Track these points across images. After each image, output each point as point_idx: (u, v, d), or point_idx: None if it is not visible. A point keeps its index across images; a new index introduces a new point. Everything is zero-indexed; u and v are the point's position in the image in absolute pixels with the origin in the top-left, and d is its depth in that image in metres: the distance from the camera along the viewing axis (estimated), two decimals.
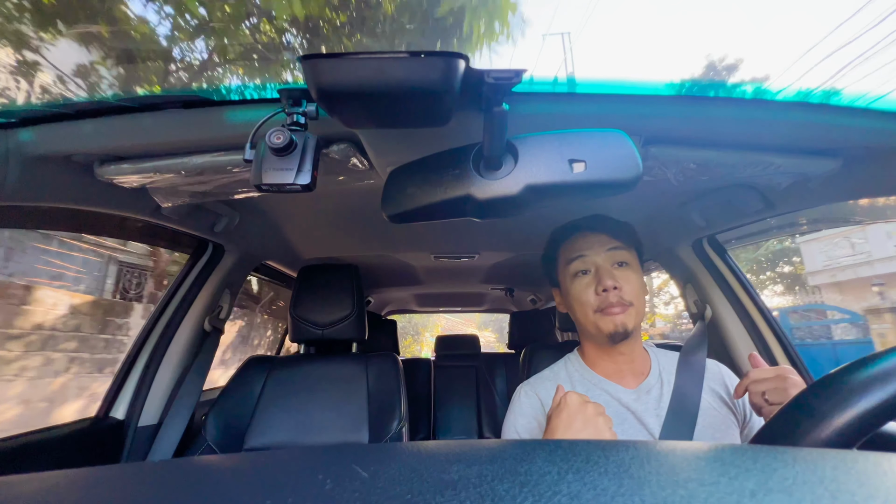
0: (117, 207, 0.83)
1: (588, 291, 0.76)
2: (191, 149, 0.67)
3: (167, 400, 1.17)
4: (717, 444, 0.26)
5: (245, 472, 0.25)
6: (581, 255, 0.79)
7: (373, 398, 1.16)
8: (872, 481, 0.20)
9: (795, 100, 0.61)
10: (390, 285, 2.41)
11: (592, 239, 0.80)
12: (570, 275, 0.80)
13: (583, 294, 0.77)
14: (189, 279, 1.23)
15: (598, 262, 0.77)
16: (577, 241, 0.81)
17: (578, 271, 0.79)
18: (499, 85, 0.43)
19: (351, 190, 0.81)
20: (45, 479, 0.24)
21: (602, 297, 0.74)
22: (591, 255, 0.78)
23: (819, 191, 0.79)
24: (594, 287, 0.76)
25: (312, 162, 0.49)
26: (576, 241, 0.81)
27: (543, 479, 0.21)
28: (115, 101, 0.60)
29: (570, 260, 0.80)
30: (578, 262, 0.79)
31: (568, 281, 0.80)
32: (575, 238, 0.82)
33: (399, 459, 0.25)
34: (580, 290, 0.77)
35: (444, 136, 0.59)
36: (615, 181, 0.48)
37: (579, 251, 0.79)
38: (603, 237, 0.80)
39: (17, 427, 0.92)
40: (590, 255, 0.78)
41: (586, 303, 0.76)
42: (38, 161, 0.65)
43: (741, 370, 1.14)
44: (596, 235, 0.80)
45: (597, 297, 0.75)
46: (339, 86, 0.42)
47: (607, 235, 0.80)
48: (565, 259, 0.82)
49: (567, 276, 0.81)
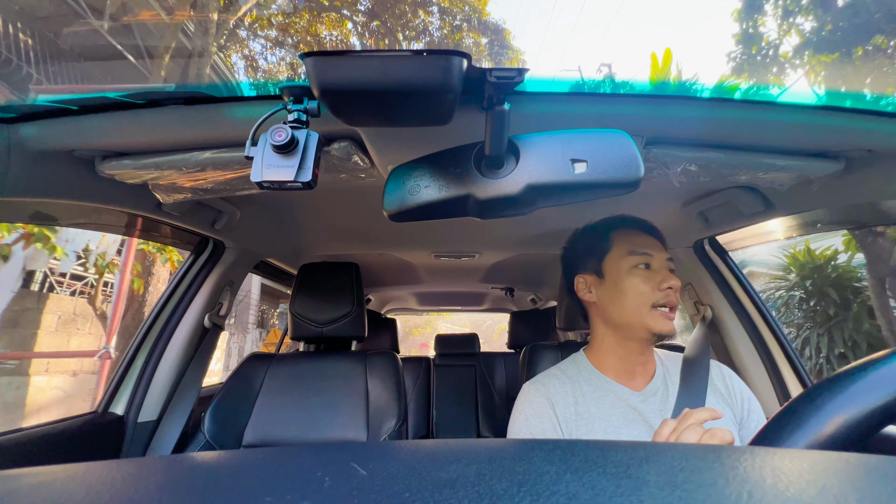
0: (118, 203, 0.83)
1: (649, 284, 0.76)
2: (192, 145, 0.67)
3: (167, 396, 1.17)
4: (715, 446, 0.26)
5: (244, 469, 0.25)
6: (647, 251, 0.78)
7: (371, 396, 1.16)
8: (872, 484, 0.20)
9: (798, 102, 0.60)
10: (390, 284, 2.42)
11: (650, 239, 0.81)
12: (629, 265, 0.78)
13: (642, 285, 0.76)
14: (189, 276, 1.24)
15: (660, 263, 0.78)
16: (636, 236, 0.82)
17: (640, 264, 0.78)
18: (501, 84, 0.43)
19: (352, 188, 0.81)
20: (45, 473, 0.24)
21: (664, 293, 0.75)
22: (655, 254, 0.78)
23: (821, 193, 0.79)
24: (657, 282, 0.76)
25: (314, 159, 0.49)
26: (635, 237, 0.82)
27: (541, 478, 0.21)
28: (117, 97, 0.60)
29: (634, 252, 0.79)
30: (643, 256, 0.78)
31: (623, 271, 0.79)
32: (632, 233, 0.82)
33: (397, 458, 0.25)
34: (639, 282, 0.77)
35: (445, 135, 0.59)
36: (617, 181, 0.48)
37: (645, 247, 0.79)
38: (658, 243, 0.81)
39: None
40: (655, 254, 0.78)
41: (645, 294, 0.76)
42: (39, 156, 0.65)
43: (741, 371, 1.14)
44: (653, 239, 0.81)
45: (658, 292, 0.75)
46: (341, 83, 0.42)
47: (660, 242, 0.81)
48: (626, 249, 0.80)
49: (623, 266, 0.79)
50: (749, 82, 6.06)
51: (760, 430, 0.33)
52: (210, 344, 1.29)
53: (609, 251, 0.83)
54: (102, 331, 3.83)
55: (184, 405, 1.17)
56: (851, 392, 0.30)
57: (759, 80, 6.22)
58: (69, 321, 4.43)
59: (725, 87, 0.63)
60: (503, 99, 0.45)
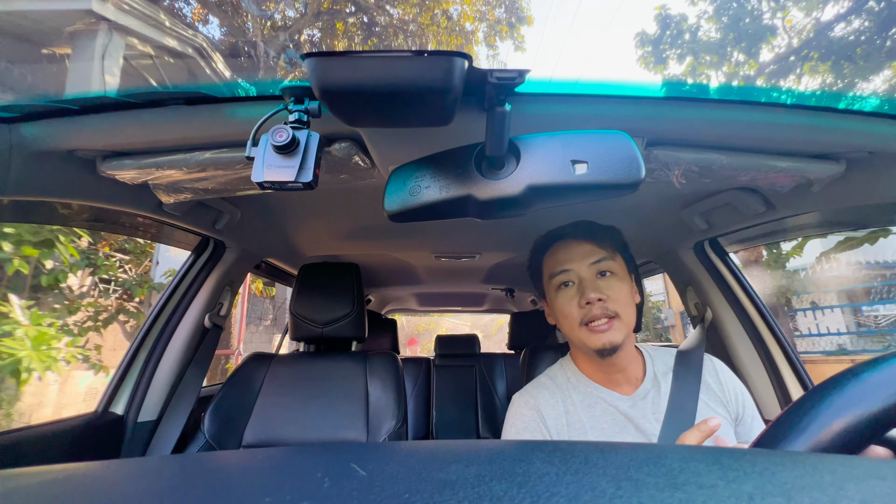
0: (119, 203, 0.83)
1: (572, 304, 0.75)
2: (193, 145, 0.67)
3: (167, 396, 1.17)
4: (715, 447, 0.26)
5: (243, 470, 0.25)
6: (564, 268, 0.77)
7: (371, 397, 1.16)
8: (871, 487, 0.20)
9: (799, 103, 0.60)
10: (391, 284, 2.41)
11: (575, 249, 0.78)
12: (554, 288, 0.78)
13: (566, 307, 0.75)
14: (190, 276, 1.24)
15: (582, 274, 0.76)
16: (559, 251, 0.80)
17: (561, 283, 0.77)
18: (502, 85, 0.43)
19: (352, 188, 0.81)
20: (45, 473, 0.24)
21: (586, 310, 0.73)
22: (573, 267, 0.76)
23: (822, 194, 0.79)
24: (577, 299, 0.74)
25: (314, 160, 0.49)
26: (558, 253, 0.80)
27: (542, 479, 0.21)
28: (119, 97, 0.60)
29: (553, 273, 0.78)
30: (561, 275, 0.77)
31: (552, 294, 0.79)
32: (557, 248, 0.80)
33: (397, 458, 0.25)
34: (564, 303, 0.76)
35: (446, 136, 0.59)
36: (618, 183, 0.48)
37: (562, 264, 0.77)
38: (586, 246, 0.77)
39: None
40: (573, 267, 0.76)
41: (570, 316, 0.75)
42: (41, 156, 0.65)
43: (741, 373, 1.14)
44: (578, 244, 0.78)
45: (580, 309, 0.73)
46: (342, 84, 0.42)
47: (591, 244, 0.77)
48: (548, 272, 0.80)
49: (551, 288, 0.79)
50: (750, 83, 6.13)
51: (762, 432, 0.33)
52: (210, 344, 1.29)
53: (542, 276, 0.83)
54: (234, 336, 5.97)
55: (184, 405, 1.17)
56: (854, 394, 0.30)
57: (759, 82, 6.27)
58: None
59: (726, 89, 0.63)
60: (504, 100, 0.45)
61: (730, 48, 6.35)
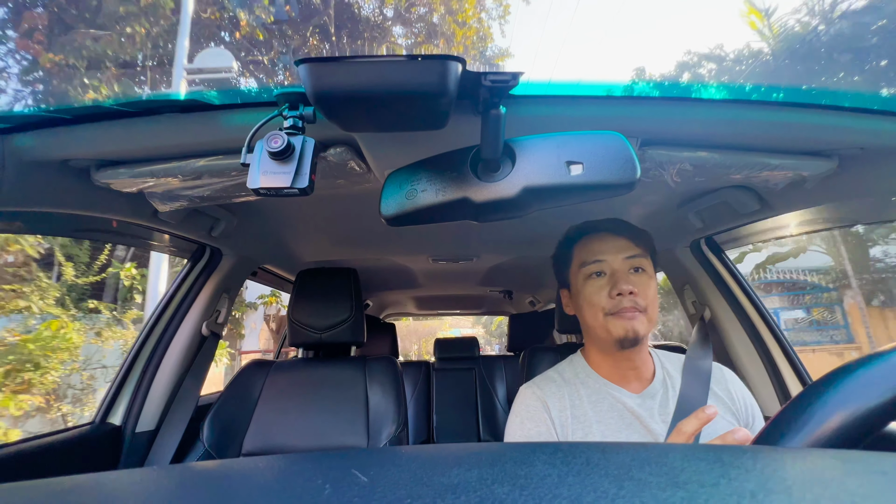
0: (115, 212, 0.82)
1: (601, 294, 0.75)
2: (188, 153, 0.67)
3: (165, 405, 1.16)
4: (717, 446, 0.26)
5: (244, 478, 0.25)
6: (598, 258, 0.77)
7: (371, 402, 1.16)
8: (873, 481, 0.20)
9: (791, 100, 0.61)
10: (389, 288, 2.41)
11: (611, 242, 0.78)
12: (584, 276, 0.78)
13: (595, 296, 0.75)
14: (187, 283, 1.23)
15: (615, 266, 0.76)
16: (593, 242, 0.80)
17: (593, 273, 0.77)
18: (496, 88, 0.43)
19: (349, 193, 0.81)
20: (44, 486, 0.23)
21: (616, 301, 0.73)
22: (608, 258, 0.76)
23: (816, 191, 0.80)
24: (608, 290, 0.74)
25: (310, 165, 0.49)
26: (592, 243, 0.80)
27: (544, 482, 0.20)
28: (112, 106, 0.60)
29: (586, 262, 0.78)
30: (595, 264, 0.77)
31: (580, 282, 0.79)
32: (591, 239, 0.80)
33: (398, 464, 0.25)
34: (592, 292, 0.76)
35: (441, 139, 0.59)
36: (613, 183, 0.48)
37: (595, 254, 0.77)
38: (622, 241, 0.78)
39: None
40: (607, 258, 0.76)
41: (597, 305, 0.75)
42: (34, 166, 0.64)
43: (740, 371, 1.14)
44: (615, 239, 0.78)
45: (610, 300, 0.73)
46: (337, 89, 0.42)
47: (627, 240, 0.78)
48: (580, 260, 0.80)
49: (580, 277, 0.79)
50: (742, 82, 6.18)
51: (762, 429, 0.33)
52: (208, 352, 1.28)
53: (570, 264, 0.83)
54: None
55: (182, 414, 1.16)
56: (853, 389, 0.30)
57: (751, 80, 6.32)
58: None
59: (719, 88, 0.63)
60: (498, 103, 0.45)
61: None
